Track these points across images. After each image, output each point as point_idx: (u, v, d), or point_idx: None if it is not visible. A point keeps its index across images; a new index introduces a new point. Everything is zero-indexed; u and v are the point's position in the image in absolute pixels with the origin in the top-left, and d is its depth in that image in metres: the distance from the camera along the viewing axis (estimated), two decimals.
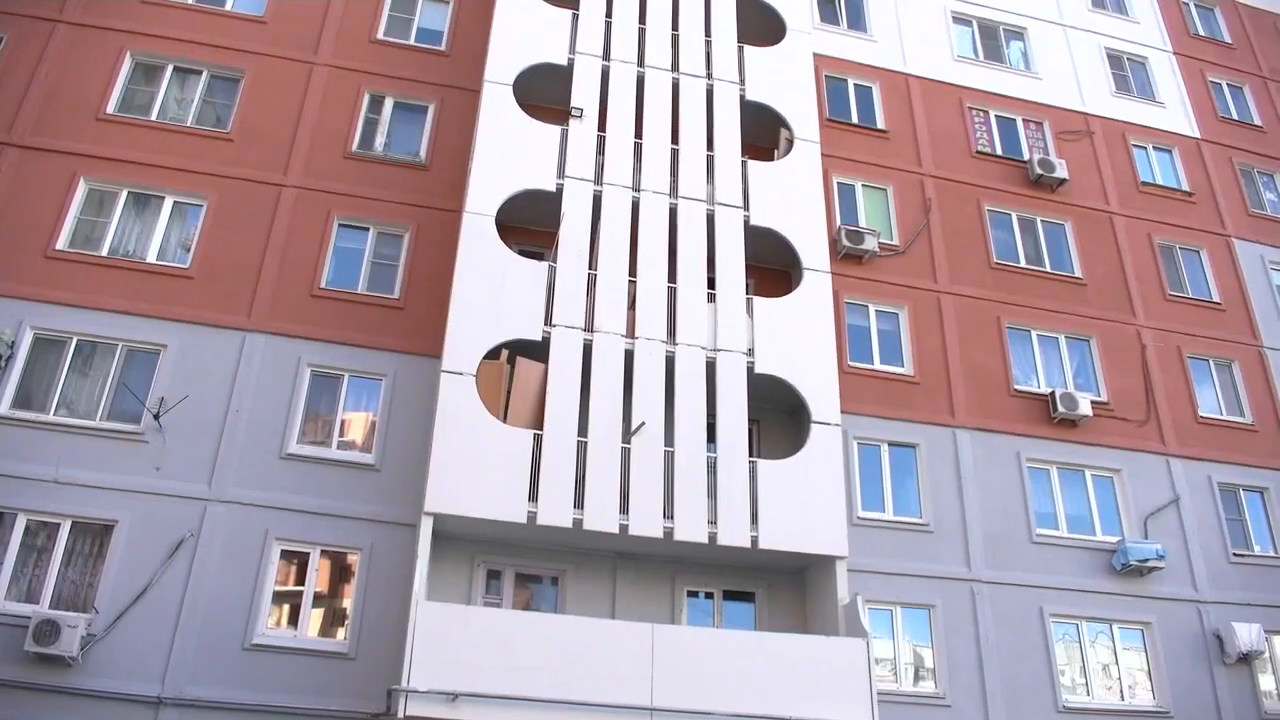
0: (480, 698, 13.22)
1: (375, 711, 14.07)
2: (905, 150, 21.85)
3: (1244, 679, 18.36)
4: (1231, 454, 20.52)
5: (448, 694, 13.09)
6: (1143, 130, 24.46)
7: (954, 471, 18.48)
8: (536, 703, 13.38)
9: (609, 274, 16.90)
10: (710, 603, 16.66)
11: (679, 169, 18.24)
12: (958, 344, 19.74)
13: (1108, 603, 18.26)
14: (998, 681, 16.97)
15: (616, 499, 15.24)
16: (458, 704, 13.10)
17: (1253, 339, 22.22)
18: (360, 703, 14.26)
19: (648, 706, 13.76)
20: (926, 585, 17.38)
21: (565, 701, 13.46)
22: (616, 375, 16.13)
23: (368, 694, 14.24)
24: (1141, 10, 26.88)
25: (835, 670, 14.78)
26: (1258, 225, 24.07)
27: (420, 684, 13.08)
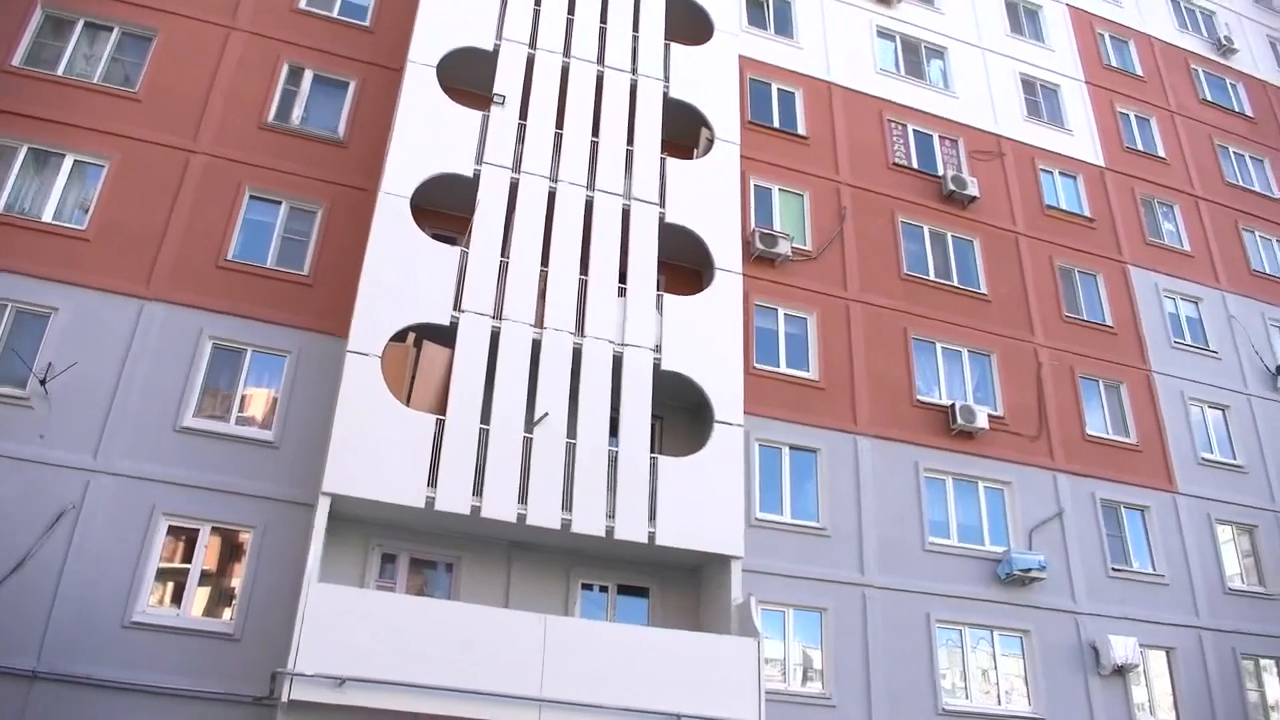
0: (369, 683, 13.07)
1: (259, 695, 13.80)
2: (824, 157, 22.12)
3: (1118, 690, 19.02)
4: (1115, 472, 21.22)
5: (335, 678, 12.91)
6: (1051, 155, 25.12)
7: (853, 477, 18.79)
8: (426, 689, 13.28)
9: (521, 263, 16.82)
10: (605, 596, 16.69)
11: (598, 162, 18.22)
12: (864, 352, 20.07)
13: (990, 610, 18.76)
14: (882, 684, 17.32)
15: (516, 488, 15.21)
16: (345, 689, 12.93)
17: (1142, 363, 22.99)
18: (244, 686, 13.95)
19: (537, 697, 13.76)
20: (820, 588, 17.64)
21: (455, 689, 13.39)
22: (523, 364, 16.07)
23: (252, 677, 13.94)
24: (1057, 39, 27.59)
25: (726, 669, 14.96)
26: (1154, 254, 24.90)
27: (307, 667, 12.88)
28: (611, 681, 14.22)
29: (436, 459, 14.96)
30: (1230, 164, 28.06)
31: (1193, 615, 20.40)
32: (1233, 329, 24.66)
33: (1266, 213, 27.53)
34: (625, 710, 14.09)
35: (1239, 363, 24.24)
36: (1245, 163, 28.44)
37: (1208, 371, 23.71)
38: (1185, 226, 25.96)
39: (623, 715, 14.09)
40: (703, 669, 14.84)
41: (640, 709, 14.19)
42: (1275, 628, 21.11)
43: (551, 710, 13.80)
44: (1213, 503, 21.93)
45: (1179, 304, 24.58)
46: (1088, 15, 28.63)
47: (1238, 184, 27.67)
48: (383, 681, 13.14)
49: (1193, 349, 23.88)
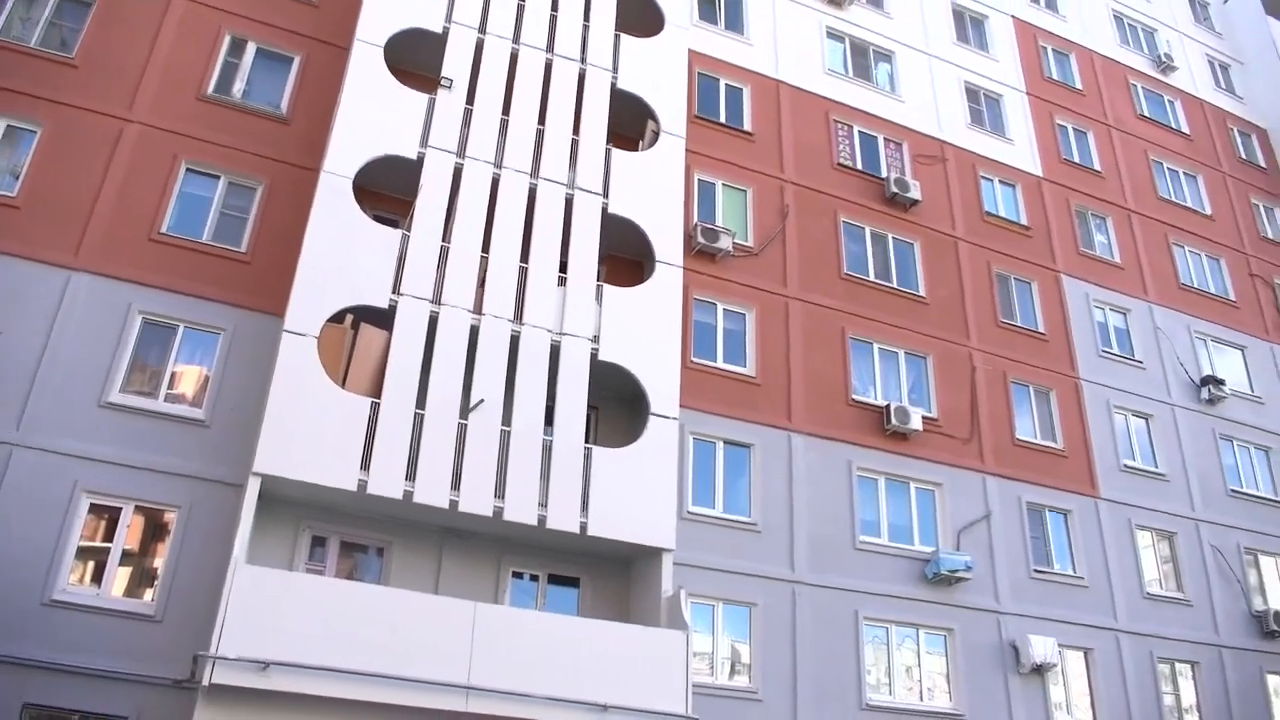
0: (294, 668, 12.89)
1: (180, 678, 13.55)
2: (769, 155, 22.23)
3: (1036, 689, 19.40)
4: (1042, 476, 21.63)
5: (258, 662, 12.72)
6: (991, 163, 25.49)
7: (786, 474, 18.93)
8: (353, 675, 13.12)
9: (462, 248, 16.72)
10: (535, 585, 16.67)
11: (543, 150, 18.15)
12: (801, 350, 20.21)
13: (916, 609, 19.04)
14: (809, 679, 17.50)
15: (449, 474, 15.15)
16: (269, 673, 12.75)
17: (1071, 371, 23.45)
18: (165, 668, 13.70)
19: (465, 685, 13.69)
20: (750, 584, 17.76)
21: (382, 675, 13.26)
22: (460, 350, 16.00)
23: (174, 659, 13.68)
24: (1001, 49, 27.98)
25: (654, 661, 15.01)
26: (1086, 264, 25.40)
27: (230, 651, 12.67)
28: (540, 670, 14.19)
29: (370, 442, 14.84)
30: (1164, 179, 28.70)
31: (1111, 618, 20.87)
32: (1159, 340, 25.25)
33: (1196, 228, 28.21)
34: (552, 699, 14.06)
35: (1163, 373, 24.83)
36: (1179, 178, 29.10)
37: (1133, 381, 24.25)
38: (1117, 238, 26.51)
39: (550, 705, 14.05)
40: (631, 660, 14.88)
41: (568, 698, 14.17)
42: (1191, 633, 21.68)
43: (479, 698, 13.72)
44: (1133, 509, 22.45)
45: (1108, 314, 25.10)
46: (1031, 28, 29.08)
47: (1170, 199, 28.30)
48: (308, 666, 12.96)
49: (1120, 359, 24.41)
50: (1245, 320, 27.33)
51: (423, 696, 13.47)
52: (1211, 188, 29.49)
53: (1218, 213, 29.02)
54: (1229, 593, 22.66)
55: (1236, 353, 26.68)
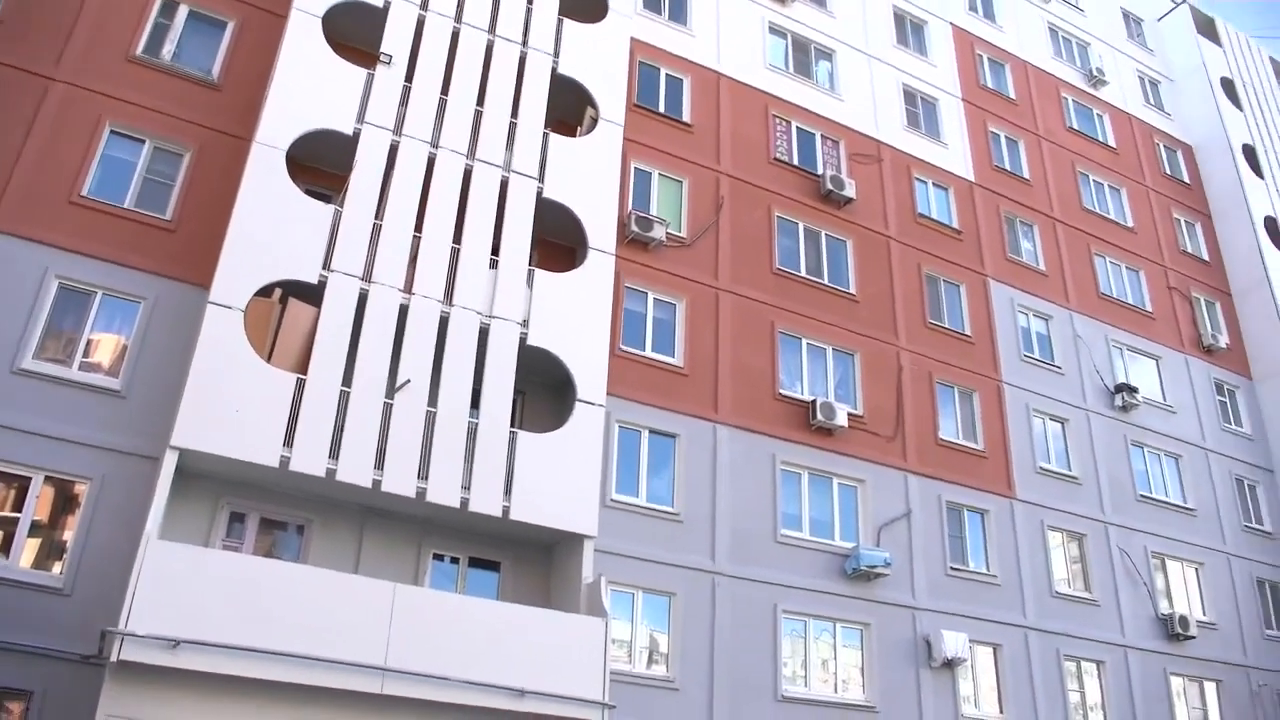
0: (206, 646, 12.63)
1: (88, 654, 13.23)
2: (706, 146, 22.29)
3: (946, 682, 19.79)
4: (962, 477, 22.03)
5: (169, 640, 12.43)
6: (925, 166, 25.85)
7: (710, 465, 19.03)
8: (265, 654, 12.90)
9: (395, 227, 16.55)
10: (456, 568, 16.58)
11: (480, 132, 18.01)
12: (730, 342, 20.32)
13: (835, 603, 19.28)
14: (726, 670, 17.63)
15: (373, 453, 14.99)
16: (179, 651, 12.47)
17: (994, 373, 23.90)
18: (73, 643, 13.35)
19: (381, 666, 13.55)
20: (670, 573, 17.83)
21: (296, 655, 13.05)
22: (389, 329, 15.85)
23: (83, 634, 13.33)
24: (940, 55, 28.38)
25: (572, 647, 15.02)
26: (1013, 270, 25.89)
27: (139, 627, 12.37)
28: (458, 654, 14.11)
29: (295, 419, 14.62)
30: (1089, 191, 29.34)
31: (1021, 615, 21.35)
32: (1077, 347, 25.85)
33: (1118, 240, 28.90)
34: (470, 683, 13.99)
35: (1080, 379, 25.42)
36: (1104, 191, 29.77)
37: (1052, 386, 24.80)
38: (1042, 246, 27.06)
39: (467, 688, 13.98)
40: (549, 646, 14.87)
41: (485, 683, 14.11)
42: (1097, 632, 22.26)
43: (395, 680, 13.60)
44: (1047, 510, 22.98)
45: (1031, 320, 25.63)
46: (969, 36, 29.53)
47: (1094, 210, 28.96)
48: (220, 645, 12.70)
49: (1040, 363, 24.94)
50: (1161, 331, 28.08)
51: (338, 678, 13.30)
52: (1135, 201, 30.23)
53: (1139, 226, 29.76)
54: (1136, 595, 23.30)
55: (1151, 362, 27.42)
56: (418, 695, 13.72)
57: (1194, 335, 28.82)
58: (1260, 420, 28.71)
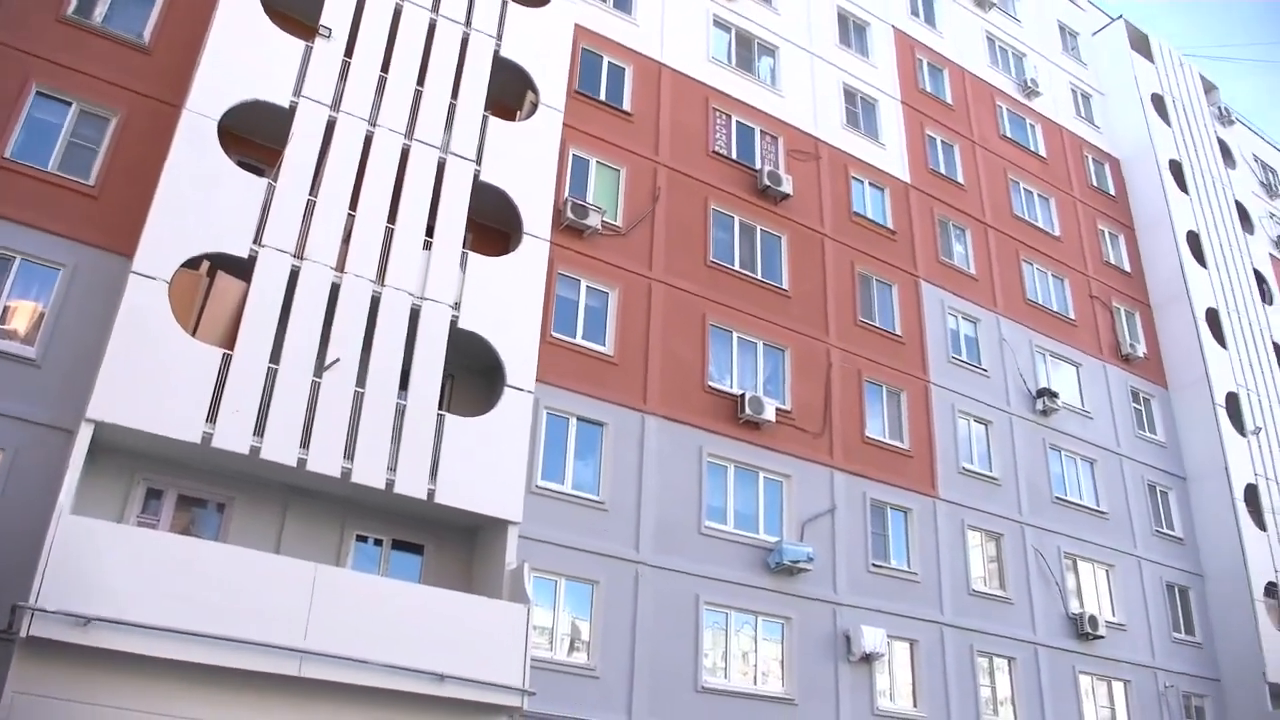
0: (119, 625, 12.32)
1: None
2: (645, 136, 22.27)
3: (864, 677, 20.07)
4: (886, 474, 22.33)
5: (80, 617, 12.11)
6: (863, 165, 26.11)
7: (637, 455, 19.05)
8: (179, 634, 12.62)
9: (329, 203, 16.29)
10: (379, 550, 16.42)
11: (419, 111, 17.78)
12: (661, 333, 20.35)
13: (757, 596, 19.43)
14: (646, 659, 17.68)
15: (299, 432, 14.76)
16: (91, 629, 12.16)
17: (922, 374, 24.24)
18: None
19: (300, 649, 13.33)
20: (594, 561, 17.83)
21: (211, 636, 12.78)
22: (319, 307, 15.61)
23: None
24: (881, 57, 28.66)
25: (494, 633, 14.94)
26: (944, 272, 26.27)
27: (49, 603, 12.03)
28: (379, 637, 13.95)
29: (219, 395, 14.32)
30: (1020, 198, 29.88)
31: (938, 612, 21.72)
32: (1003, 351, 26.32)
33: (1045, 248, 29.48)
34: (390, 667, 13.84)
35: (1005, 383, 25.91)
36: (1033, 199, 30.35)
37: (977, 388, 25.23)
38: (973, 250, 27.49)
39: (386, 672, 13.82)
40: (471, 631, 14.78)
41: (405, 666, 13.96)
42: (1009, 629, 22.74)
43: (314, 663, 13.40)
44: (967, 510, 23.40)
45: (960, 322, 26.04)
46: (910, 40, 29.86)
47: (1024, 218, 29.50)
48: (133, 624, 12.40)
49: (967, 366, 25.36)
50: (1082, 339, 28.72)
51: (255, 659, 13.05)
52: (1063, 211, 30.86)
53: (1066, 235, 30.39)
54: (1048, 594, 23.82)
55: (1071, 369, 28.04)
56: (336, 678, 13.52)
57: (1113, 344, 29.51)
58: (1174, 428, 29.53)
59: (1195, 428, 29.27)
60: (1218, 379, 29.61)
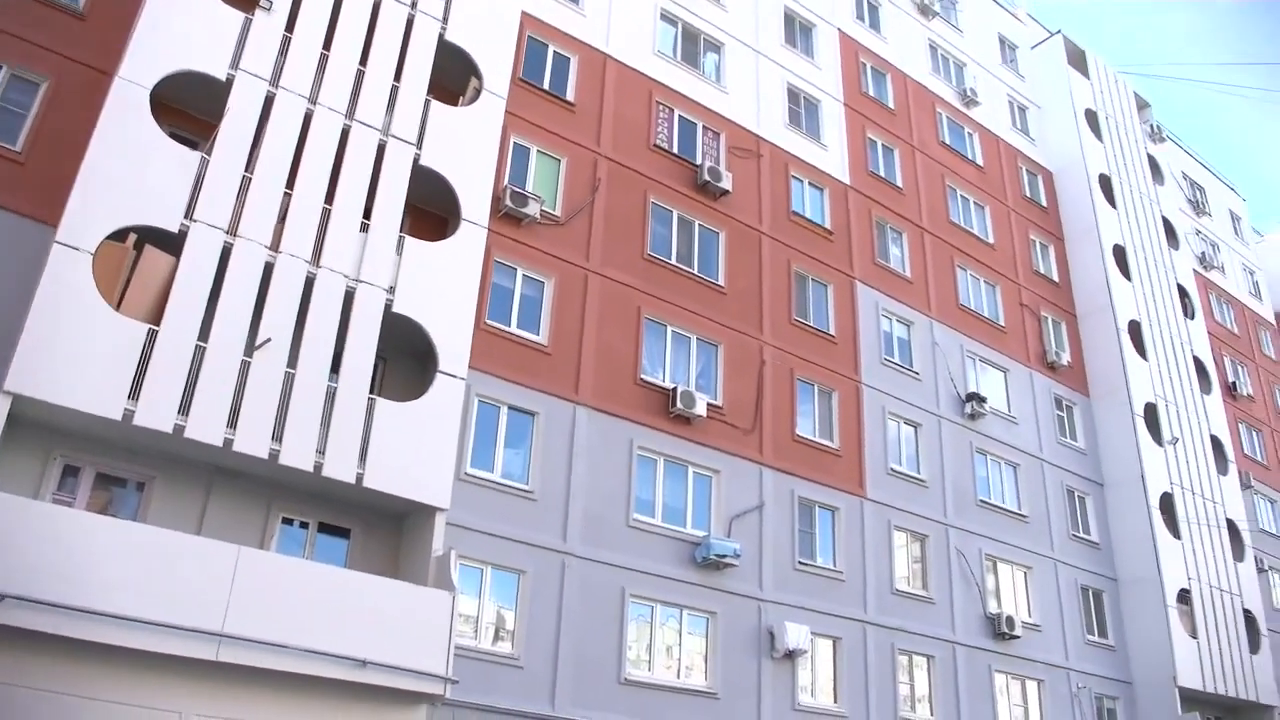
0: (30, 603, 12.03)
1: None
2: (588, 127, 22.21)
3: (786, 672, 20.26)
4: (815, 473, 22.54)
5: None
6: (803, 165, 26.30)
7: (567, 446, 19.01)
8: (95, 615, 12.38)
9: (265, 181, 16.05)
10: (305, 533, 16.23)
11: (361, 92, 17.56)
12: (595, 324, 20.32)
13: (683, 590, 19.51)
14: (571, 650, 17.67)
15: (226, 412, 14.51)
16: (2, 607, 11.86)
17: (854, 374, 24.51)
18: None
19: (218, 632, 13.14)
20: (521, 551, 17.77)
21: (128, 618, 12.55)
22: (251, 285, 15.37)
23: None
24: (825, 59, 28.89)
25: (419, 620, 14.87)
26: (880, 274, 26.58)
27: None
28: (301, 621, 13.81)
29: (143, 371, 14.03)
30: (956, 205, 30.33)
31: (861, 610, 21.99)
32: (935, 355, 26.71)
33: (979, 255, 29.97)
34: (311, 652, 13.70)
35: (935, 386, 26.30)
36: (969, 206, 30.83)
37: (908, 390, 25.58)
38: (909, 254, 27.85)
39: (307, 657, 13.69)
40: (395, 618, 14.69)
41: (326, 652, 13.83)
42: (930, 628, 23.11)
43: (231, 647, 13.20)
44: (894, 510, 23.72)
45: (893, 324, 26.37)
46: (855, 43, 30.13)
47: (959, 224, 29.96)
48: (44, 603, 12.11)
49: (899, 368, 25.69)
50: (1011, 345, 29.26)
51: (171, 642, 12.84)
52: (997, 219, 31.40)
53: (999, 243, 30.92)
54: (968, 595, 24.25)
55: (999, 374, 28.55)
56: (255, 663, 13.36)
57: (1040, 351, 30.11)
58: (1094, 436, 30.22)
59: (1114, 436, 30.01)
60: (1137, 389, 30.38)
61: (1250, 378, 38.98)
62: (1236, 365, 38.60)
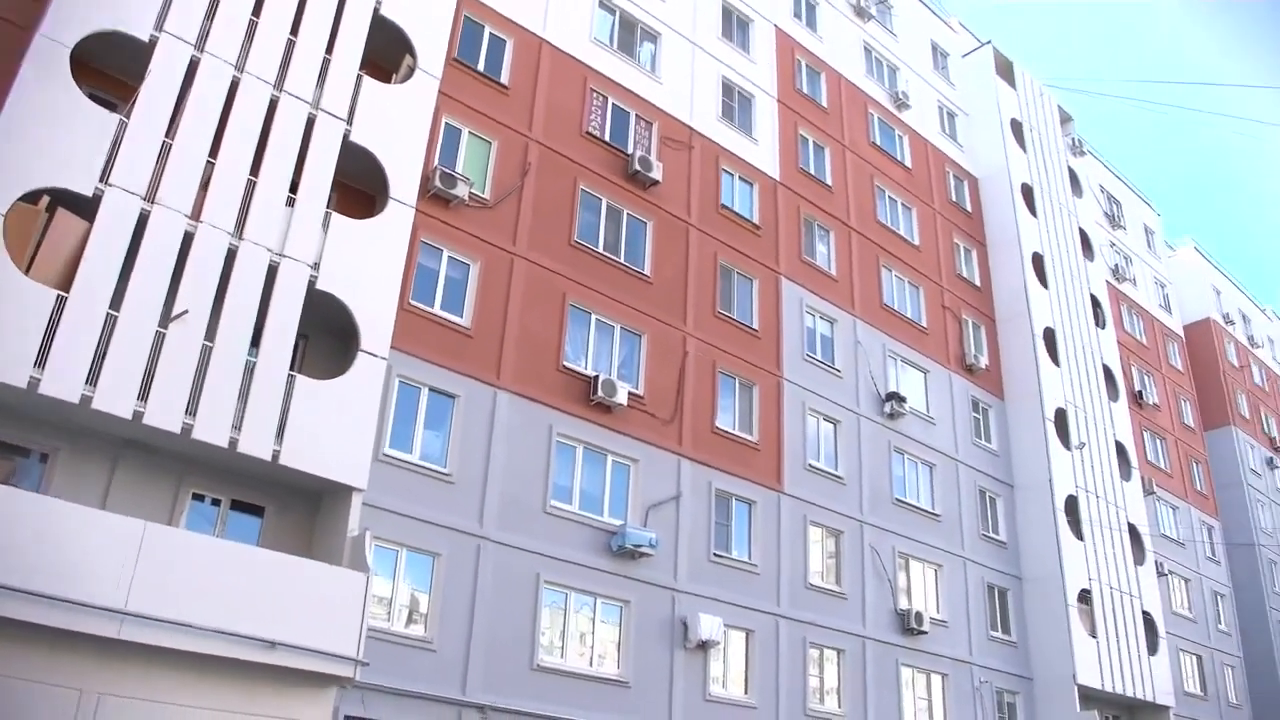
0: None
1: None
2: (520, 111, 22.05)
3: (698, 663, 20.40)
4: (734, 466, 22.70)
5: None
6: (734, 159, 26.43)
7: (487, 430, 18.91)
8: None
9: (187, 148, 15.68)
10: (216, 510, 15.91)
11: (291, 63, 17.25)
12: (520, 309, 20.22)
13: (598, 578, 19.54)
14: (484, 635, 17.60)
15: (138, 384, 14.14)
16: None
17: (776, 369, 24.72)
18: None
19: (120, 610, 12.80)
20: (437, 533, 17.65)
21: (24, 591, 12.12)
22: (169, 255, 15.00)
23: None
24: (761, 54, 29.03)
25: (331, 601, 14.66)
26: (805, 271, 26.84)
27: None
28: (209, 600, 13.50)
29: (50, 338, 13.61)
30: (884, 206, 30.75)
31: (775, 604, 22.23)
32: (857, 353, 27.06)
33: (905, 256, 30.43)
34: (217, 632, 13.40)
35: (856, 384, 26.65)
36: (896, 207, 31.26)
37: (829, 387, 25.89)
38: (836, 252, 28.16)
39: (214, 637, 13.39)
40: (307, 598, 14.46)
41: (233, 632, 13.54)
42: (841, 623, 23.45)
43: (134, 625, 12.87)
44: (810, 506, 23.99)
45: (817, 321, 26.66)
46: (791, 40, 30.33)
47: (886, 225, 30.37)
48: None
49: (821, 365, 25.98)
50: (931, 347, 29.76)
51: (69, 618, 12.47)
52: (923, 222, 31.90)
53: (924, 245, 31.43)
54: (880, 590, 24.66)
55: (920, 375, 29.03)
56: (160, 642, 13.03)
57: (959, 354, 30.69)
58: (1007, 438, 30.91)
59: (1025, 439, 30.73)
60: (1049, 395, 31.15)
61: (1156, 387, 40.24)
62: (1144, 375, 39.81)
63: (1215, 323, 47.31)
